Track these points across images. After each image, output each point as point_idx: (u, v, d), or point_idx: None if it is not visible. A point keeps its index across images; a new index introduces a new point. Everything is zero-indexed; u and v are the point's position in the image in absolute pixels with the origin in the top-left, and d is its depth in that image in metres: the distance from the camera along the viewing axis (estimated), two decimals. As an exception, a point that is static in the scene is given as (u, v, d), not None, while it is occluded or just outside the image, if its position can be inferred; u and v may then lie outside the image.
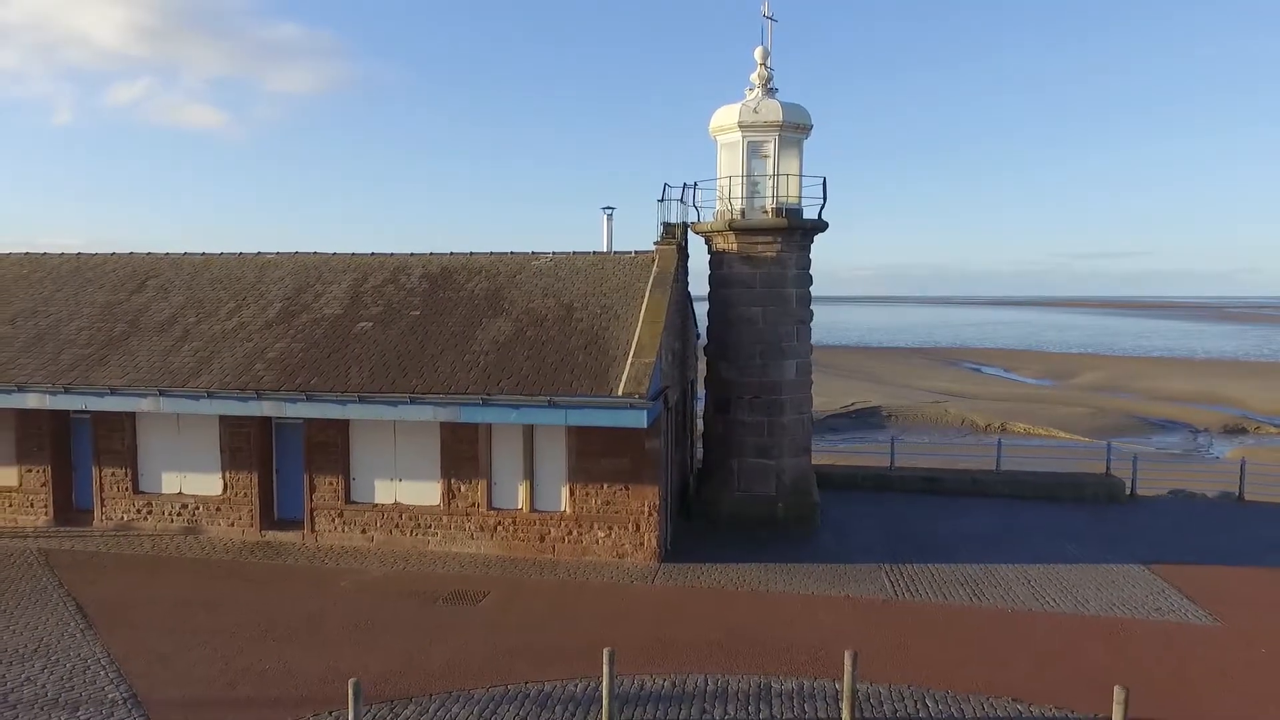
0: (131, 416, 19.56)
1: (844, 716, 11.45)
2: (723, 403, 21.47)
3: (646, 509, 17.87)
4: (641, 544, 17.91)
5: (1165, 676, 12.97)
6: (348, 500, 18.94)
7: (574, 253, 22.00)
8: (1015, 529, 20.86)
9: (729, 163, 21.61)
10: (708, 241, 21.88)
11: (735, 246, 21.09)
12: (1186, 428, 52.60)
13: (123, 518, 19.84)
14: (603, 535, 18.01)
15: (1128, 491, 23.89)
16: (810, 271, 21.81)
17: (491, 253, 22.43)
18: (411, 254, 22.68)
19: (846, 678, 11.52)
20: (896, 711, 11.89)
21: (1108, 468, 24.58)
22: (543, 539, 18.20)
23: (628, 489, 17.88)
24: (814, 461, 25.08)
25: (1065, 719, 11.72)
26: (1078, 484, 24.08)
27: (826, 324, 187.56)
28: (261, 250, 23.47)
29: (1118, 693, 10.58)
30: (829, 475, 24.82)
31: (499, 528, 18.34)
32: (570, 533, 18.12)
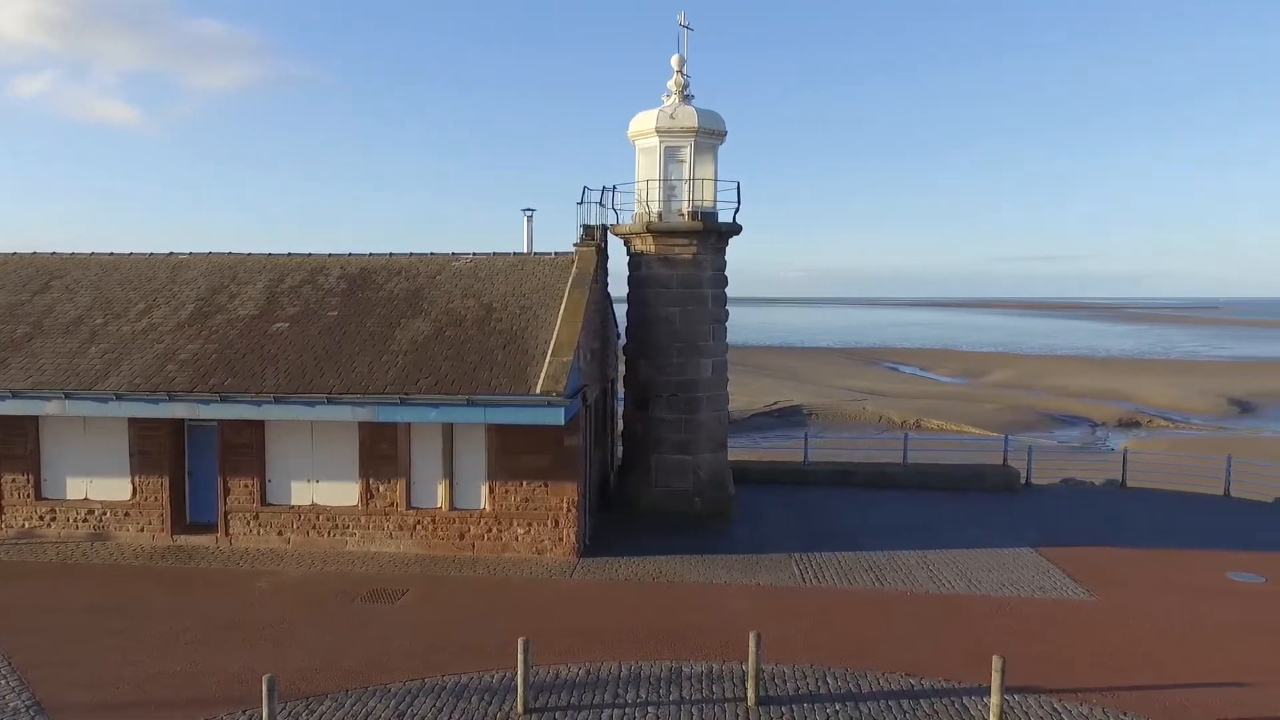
0: (35, 420, 19.03)
1: (749, 695, 12.08)
2: (642, 400, 22.00)
3: (566, 505, 18.25)
4: (561, 540, 18.28)
5: (1044, 648, 13.96)
6: (264, 502, 18.80)
7: (494, 254, 22.24)
8: (919, 518, 21.93)
9: (647, 167, 22.16)
10: (626, 243, 22.39)
11: (653, 248, 21.65)
12: (1087, 422, 55.51)
13: (24, 525, 19.28)
14: (522, 532, 18.32)
15: (1023, 481, 25.31)
16: (726, 273, 22.51)
17: (412, 254, 22.50)
18: (330, 255, 22.58)
19: (751, 659, 12.14)
20: (799, 689, 12.55)
21: (1005, 459, 25.98)
22: (462, 537, 18.41)
23: (547, 486, 18.23)
24: (733, 458, 25.84)
25: (951, 689, 12.56)
26: (978, 475, 25.41)
27: (756, 325, 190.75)
28: (174, 251, 23.06)
29: (996, 662, 11.45)
30: (746, 470, 25.59)
31: (418, 527, 18.48)
32: (490, 530, 18.38)
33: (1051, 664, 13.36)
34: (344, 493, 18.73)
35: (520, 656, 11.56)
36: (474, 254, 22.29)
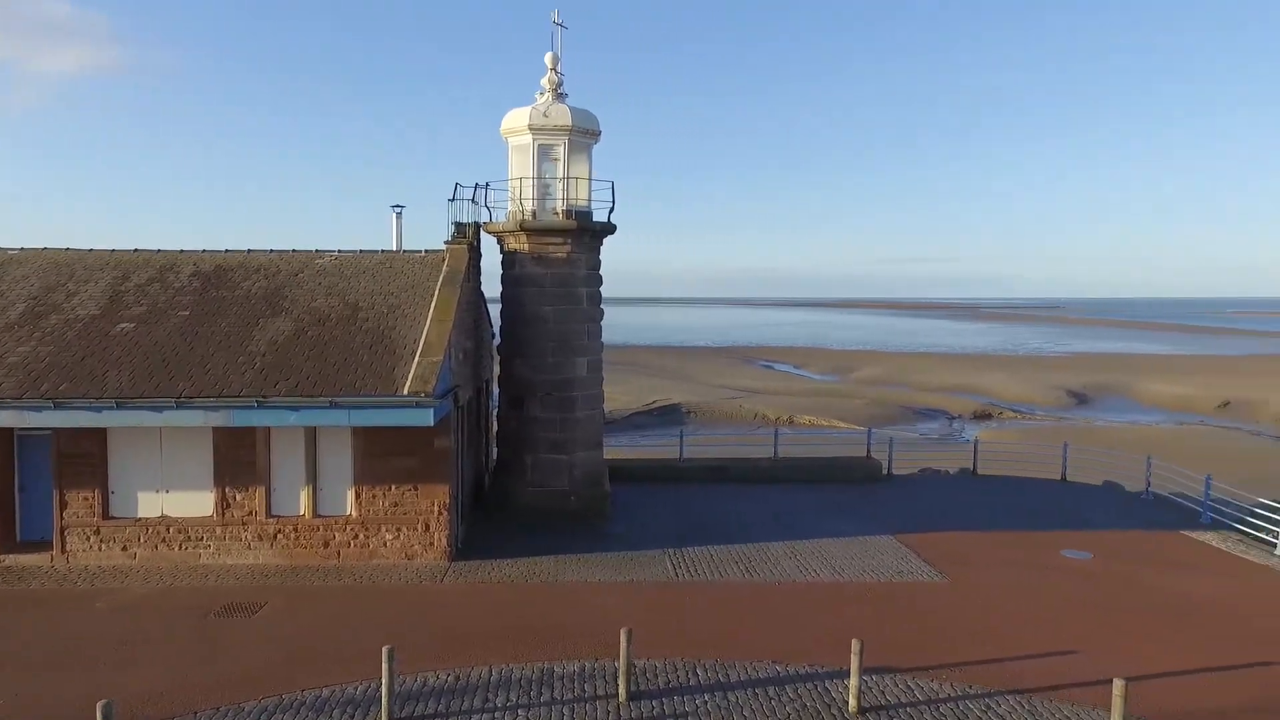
0: None
1: (620, 692, 12.14)
2: (517, 400, 21.78)
3: (436, 508, 17.86)
4: (432, 544, 17.87)
5: (900, 630, 14.67)
6: (106, 516, 17.52)
7: (361, 251, 21.54)
8: (787, 509, 22.63)
9: (520, 164, 21.95)
10: (500, 241, 22.12)
11: (527, 247, 21.47)
12: (945, 414, 58.78)
13: None
14: (391, 537, 17.80)
15: (885, 471, 26.54)
16: (601, 272, 22.57)
17: (272, 251, 21.51)
18: (181, 251, 21.32)
19: (623, 655, 12.21)
20: (670, 682, 12.71)
21: (868, 451, 27.17)
22: (327, 545, 17.72)
23: (417, 489, 17.78)
24: (611, 456, 25.95)
25: (815, 674, 13.02)
26: (843, 467, 26.49)
27: (639, 325, 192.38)
28: (3, 246, 21.20)
29: (854, 645, 11.96)
30: (623, 468, 25.76)
31: (279, 536, 17.66)
32: (357, 536, 17.77)
33: (906, 644, 14.05)
34: (197, 503, 17.68)
35: (384, 665, 11.22)
36: (339, 251, 21.52)
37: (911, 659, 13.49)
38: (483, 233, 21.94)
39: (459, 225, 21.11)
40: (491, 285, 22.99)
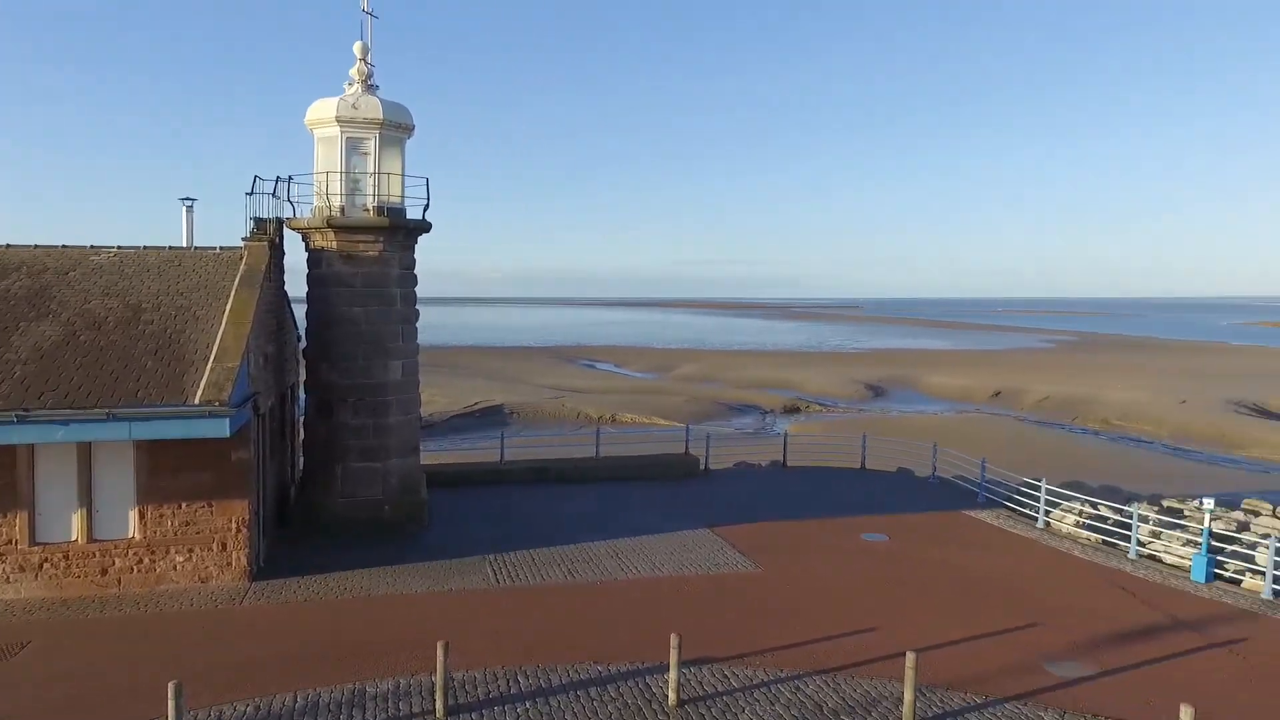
0: None
1: (438, 707, 11.75)
2: (325, 406, 20.63)
3: (235, 525, 16.57)
4: (229, 564, 16.56)
5: (717, 620, 15.17)
6: None
7: (145, 248, 19.66)
8: (609, 508, 22.86)
9: (327, 158, 20.80)
10: (305, 239, 20.85)
11: (335, 244, 20.38)
12: (758, 409, 61.66)
13: None
14: (182, 559, 16.33)
15: (702, 466, 27.42)
16: (415, 271, 21.81)
17: (37, 246, 19.19)
18: (-82, 244, 18.55)
19: (439, 669, 11.82)
20: (490, 693, 12.45)
21: (686, 448, 27.97)
22: (105, 572, 15.99)
23: (212, 506, 16.41)
24: (429, 461, 25.18)
25: (637, 670, 13.19)
26: (663, 463, 27.12)
27: (456, 325, 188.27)
28: None
29: (673, 639, 12.21)
30: (441, 474, 25.06)
31: (45, 565, 15.74)
32: (141, 561, 16.15)
33: (723, 634, 14.55)
34: (-59, 533, 15.43)
35: (171, 703, 10.23)
36: (119, 247, 19.52)
37: (728, 648, 13.97)
38: (286, 229, 20.62)
39: (258, 221, 19.71)
40: (296, 284, 21.66)
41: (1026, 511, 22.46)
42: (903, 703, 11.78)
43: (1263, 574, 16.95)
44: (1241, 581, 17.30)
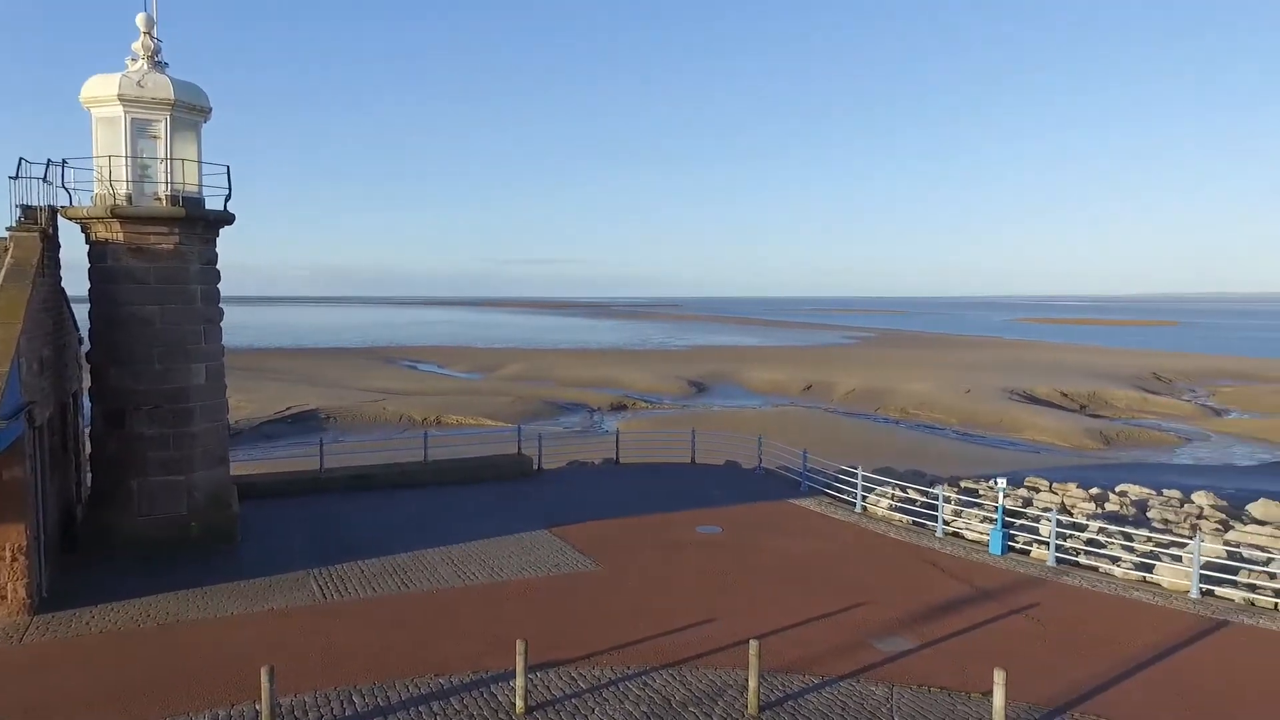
0: None
1: (263, 738, 10.79)
2: (116, 415, 18.52)
3: (9, 553, 14.50)
4: (4, 597, 14.49)
5: (561, 622, 14.92)
6: None
7: (-120, 236, 16.79)
8: (441, 513, 22.02)
9: (108, 141, 18.68)
10: (86, 230, 18.63)
11: (122, 237, 18.34)
12: (586, 408, 61.86)
13: None
14: (-60, 597, 14.09)
15: (535, 466, 27.06)
16: (218, 267, 20.04)
17: None
18: None
19: (265, 697, 10.87)
20: (322, 717, 11.59)
21: (519, 448, 27.49)
22: None
23: (-22, 533, 14.27)
24: (239, 472, 23.23)
25: (480, 680, 12.72)
26: (495, 465, 26.51)
27: (260, 326, 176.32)
28: None
29: (519, 645, 11.85)
30: (254, 485, 23.23)
31: None
32: (-115, 602, 13.79)
33: (568, 635, 14.33)
34: None
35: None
36: None
37: (574, 649, 13.77)
38: (61, 219, 18.34)
39: (26, 209, 17.40)
40: (76, 281, 19.29)
41: (845, 498, 23.79)
42: (747, 690, 12.07)
43: (1047, 544, 18.83)
44: (1030, 552, 19.13)
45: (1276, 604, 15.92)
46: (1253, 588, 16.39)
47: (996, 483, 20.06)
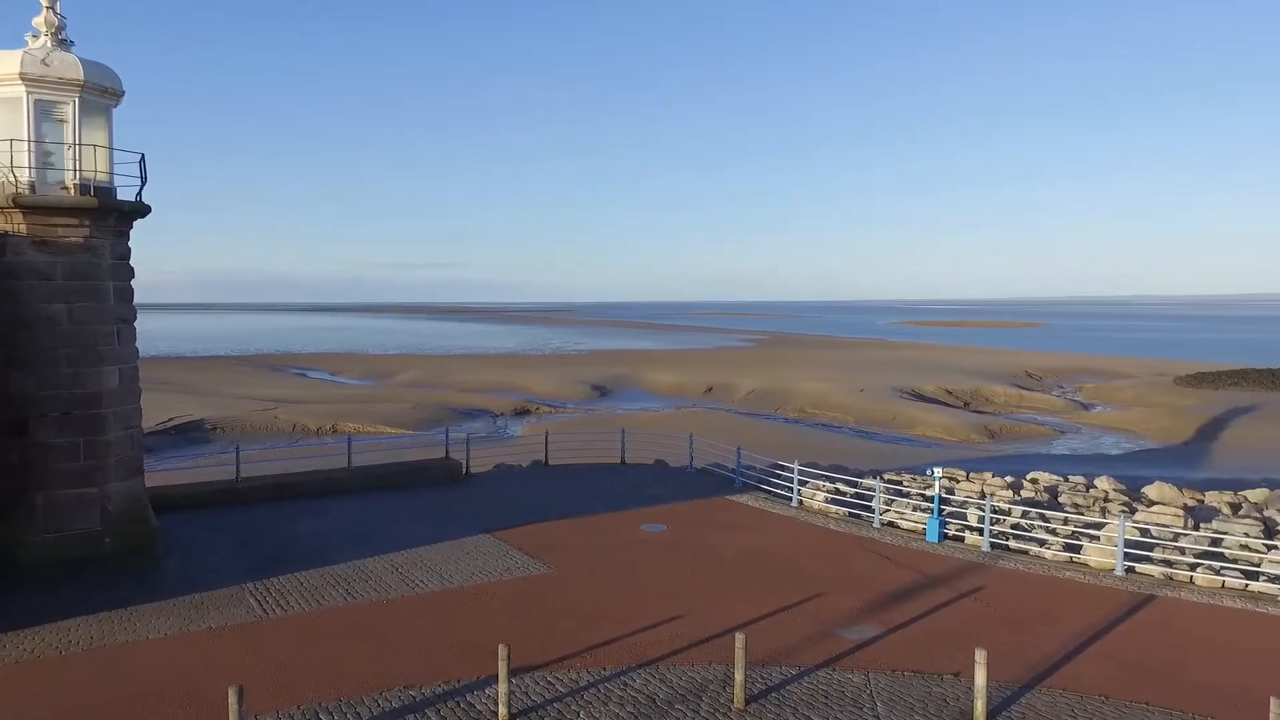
0: None
1: (232, 763, 10.02)
2: (18, 423, 16.92)
3: (-96, 579, 12.99)
4: (-102, 629, 12.95)
5: (525, 626, 14.53)
6: None
7: None
8: (376, 520, 21.12)
9: (8, 124, 17.15)
10: (-19, 220, 16.97)
11: (25, 228, 16.85)
12: (489, 413, 60.75)
13: None
14: None
15: (464, 470, 26.35)
16: (132, 262, 18.66)
17: None
18: None
19: (233, 715, 10.10)
20: (290, 737, 10.89)
21: (447, 452, 26.71)
22: None
23: None
24: (151, 483, 21.63)
25: (454, 689, 12.24)
26: (423, 470, 25.66)
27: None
28: None
29: (501, 651, 11.46)
30: (168, 497, 21.67)
31: None
32: None
33: (534, 640, 13.97)
34: None
35: None
36: None
37: (543, 654, 13.44)
38: (-50, 207, 16.66)
39: (-89, 195, 15.71)
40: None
41: (780, 492, 24.20)
42: (731, 683, 12.07)
43: (979, 531, 19.71)
44: (965, 538, 19.97)
45: (1191, 577, 17.18)
46: (1168, 563, 17.64)
47: (932, 472, 20.85)
